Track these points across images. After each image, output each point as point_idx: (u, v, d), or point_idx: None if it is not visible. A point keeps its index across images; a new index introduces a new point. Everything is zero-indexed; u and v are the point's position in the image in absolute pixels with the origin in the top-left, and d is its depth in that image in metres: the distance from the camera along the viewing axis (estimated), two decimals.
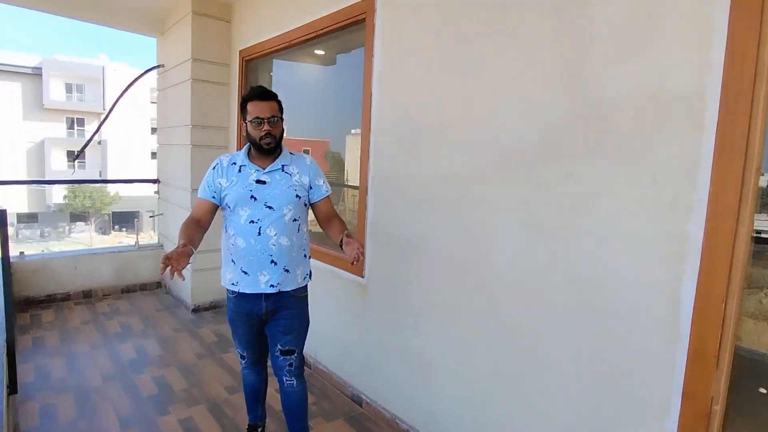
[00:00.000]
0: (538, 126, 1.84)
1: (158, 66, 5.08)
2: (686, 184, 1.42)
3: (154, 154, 33.06)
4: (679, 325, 1.47)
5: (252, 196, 2.04)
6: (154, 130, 33.38)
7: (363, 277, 2.84)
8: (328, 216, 2.21)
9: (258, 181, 2.06)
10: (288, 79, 4.23)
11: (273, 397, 2.75)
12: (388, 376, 2.69)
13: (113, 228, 30.24)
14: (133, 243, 5.21)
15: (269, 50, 3.83)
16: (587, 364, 1.72)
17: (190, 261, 1.77)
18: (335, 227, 2.15)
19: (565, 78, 1.74)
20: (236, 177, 2.07)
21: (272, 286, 2.08)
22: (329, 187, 2.25)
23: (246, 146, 2.16)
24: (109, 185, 30.13)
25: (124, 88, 5.05)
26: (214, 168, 2.12)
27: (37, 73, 28.54)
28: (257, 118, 2.03)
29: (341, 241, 2.01)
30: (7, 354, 2.37)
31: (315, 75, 4.11)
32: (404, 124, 2.49)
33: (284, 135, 2.17)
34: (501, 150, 1.99)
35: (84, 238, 27.54)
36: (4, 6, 4.11)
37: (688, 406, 1.49)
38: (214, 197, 2.09)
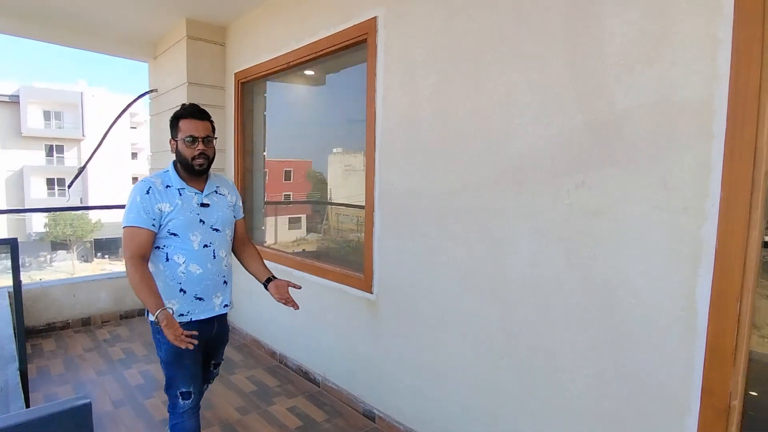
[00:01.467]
0: (550, 137, 1.92)
1: (151, 91, 5.10)
2: (698, 190, 1.51)
3: (135, 179, 32.79)
4: (696, 325, 1.54)
5: (201, 220, 1.98)
6: (134, 155, 33.19)
7: (372, 292, 2.87)
8: (243, 238, 2.25)
9: (202, 204, 2.01)
10: (277, 100, 4.29)
11: None
12: (400, 389, 2.72)
13: (95, 255, 29.74)
14: None
15: (265, 72, 3.89)
16: (606, 367, 1.78)
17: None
18: (256, 259, 2.21)
19: (576, 89, 1.83)
20: (179, 200, 1.95)
21: (225, 306, 2.09)
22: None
23: (170, 167, 2.03)
24: (90, 212, 29.66)
25: (117, 114, 5.06)
26: (147, 192, 1.90)
27: (14, 101, 28.20)
28: (191, 136, 1.93)
29: (268, 279, 2.11)
30: (22, 382, 2.35)
31: (303, 95, 4.17)
32: (412, 139, 2.56)
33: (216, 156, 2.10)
34: (513, 161, 2.07)
35: (66, 266, 27.02)
36: None
37: (707, 402, 1.55)
38: (153, 225, 1.89)
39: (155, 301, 1.76)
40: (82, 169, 5.30)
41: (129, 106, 5.01)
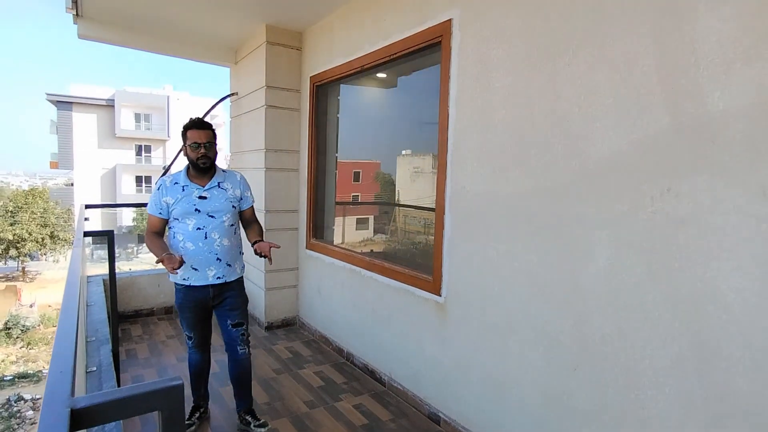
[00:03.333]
0: (634, 140, 1.83)
1: (232, 94, 5.37)
2: None
3: None
4: None
5: (196, 209, 2.54)
6: None
7: (440, 295, 2.86)
8: (249, 221, 2.81)
9: (200, 197, 2.56)
10: (349, 102, 4.38)
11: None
12: (467, 395, 2.68)
13: None
14: None
15: (340, 75, 3.98)
16: (692, 387, 1.67)
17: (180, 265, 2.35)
18: (254, 230, 2.76)
19: (664, 91, 1.73)
20: (180, 194, 2.54)
21: (218, 278, 2.61)
22: (254, 198, 2.85)
23: (185, 167, 2.62)
24: None
25: (201, 115, 5.36)
26: (158, 189, 2.57)
27: (110, 105, 30.70)
28: (195, 142, 2.51)
29: (255, 242, 2.65)
30: (114, 363, 2.56)
31: (375, 97, 4.23)
32: (485, 142, 2.52)
33: (218, 156, 2.68)
34: (592, 165, 1.99)
35: (150, 258, 28.89)
36: (85, 42, 4.49)
37: None
38: (161, 213, 2.56)
39: (159, 251, 2.39)
40: (168, 168, 5.66)
41: (212, 108, 5.31)
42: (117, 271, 2.97)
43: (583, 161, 2.03)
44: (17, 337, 17.96)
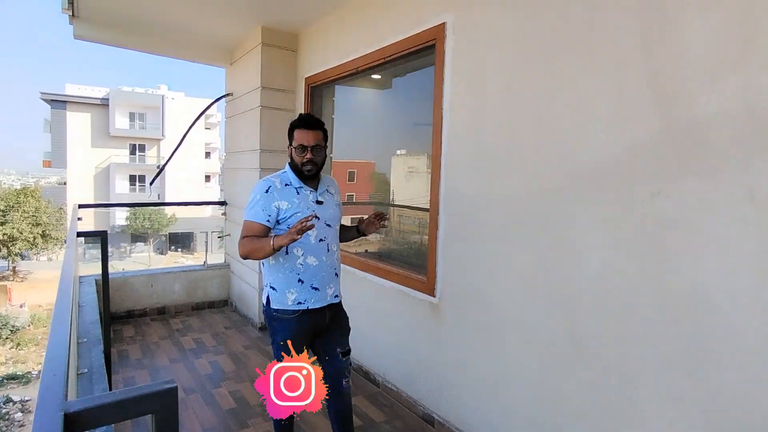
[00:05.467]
0: (625, 144, 1.85)
1: (227, 95, 5.37)
2: None
3: (207, 178, 34.53)
4: None
5: (316, 216, 2.12)
6: (207, 155, 34.96)
7: (434, 296, 2.87)
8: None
9: (317, 202, 2.20)
10: (344, 103, 4.39)
11: None
12: (461, 396, 2.70)
13: (170, 248, 31.57)
14: (202, 262, 5.45)
15: (334, 76, 3.99)
16: (684, 388, 1.68)
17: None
18: (345, 228, 2.45)
19: (653, 96, 1.75)
20: (297, 199, 2.14)
21: (336, 296, 2.26)
22: None
23: (287, 167, 2.25)
24: (166, 207, 31.57)
25: (196, 116, 5.37)
26: (267, 191, 2.13)
27: (104, 104, 30.53)
28: (301, 145, 2.13)
29: (357, 228, 2.37)
30: (106, 365, 2.54)
31: (370, 98, 4.24)
32: (479, 144, 2.54)
33: (325, 162, 2.27)
34: (584, 168, 2.00)
35: (143, 257, 28.84)
36: (81, 43, 4.48)
37: None
38: (268, 221, 2.12)
39: (265, 241, 2.01)
40: (162, 168, 5.65)
41: (207, 108, 5.31)
42: (110, 270, 2.97)
43: (574, 164, 2.04)
44: (6, 338, 17.80)
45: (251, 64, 4.64)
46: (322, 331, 2.25)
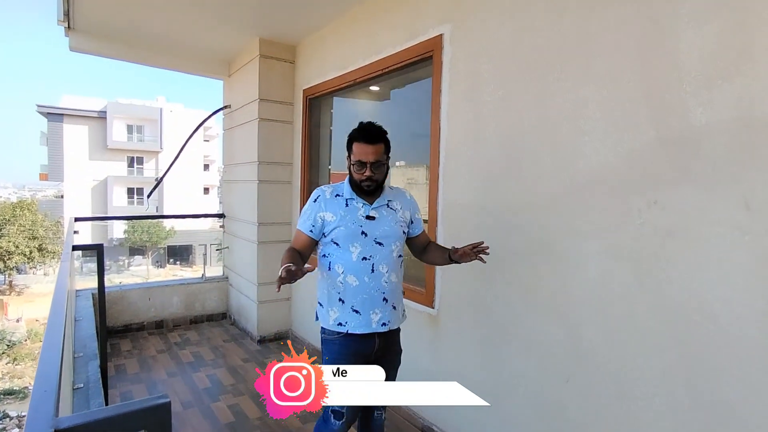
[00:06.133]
0: (621, 153, 1.85)
1: (225, 107, 5.38)
2: None
3: (206, 190, 34.54)
4: None
5: (363, 232, 1.94)
6: (206, 167, 34.99)
7: (433, 307, 2.86)
8: (424, 245, 2.19)
9: (367, 217, 1.97)
10: (342, 115, 4.40)
11: None
12: (461, 407, 2.67)
13: (168, 261, 31.46)
14: (200, 275, 5.42)
15: (332, 88, 4.01)
16: (681, 397, 1.67)
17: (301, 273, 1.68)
18: (437, 246, 2.17)
19: (649, 106, 1.75)
20: (344, 211, 1.95)
21: (384, 324, 1.99)
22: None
23: (347, 178, 2.04)
24: (165, 220, 31.51)
25: (194, 128, 5.38)
26: (315, 201, 1.99)
27: (102, 116, 30.58)
28: (360, 161, 1.92)
29: (449, 254, 2.02)
30: (102, 379, 2.52)
31: (368, 110, 4.25)
32: (476, 155, 2.54)
33: (388, 174, 2.06)
34: (581, 178, 2.01)
35: (141, 271, 28.73)
36: (78, 55, 4.49)
37: None
38: (311, 231, 1.97)
39: (286, 259, 1.77)
40: (160, 181, 5.65)
41: (205, 121, 5.32)
42: (107, 284, 2.95)
43: (571, 174, 2.05)
44: (3, 353, 17.65)
45: (249, 76, 4.66)
46: (369, 361, 1.98)
